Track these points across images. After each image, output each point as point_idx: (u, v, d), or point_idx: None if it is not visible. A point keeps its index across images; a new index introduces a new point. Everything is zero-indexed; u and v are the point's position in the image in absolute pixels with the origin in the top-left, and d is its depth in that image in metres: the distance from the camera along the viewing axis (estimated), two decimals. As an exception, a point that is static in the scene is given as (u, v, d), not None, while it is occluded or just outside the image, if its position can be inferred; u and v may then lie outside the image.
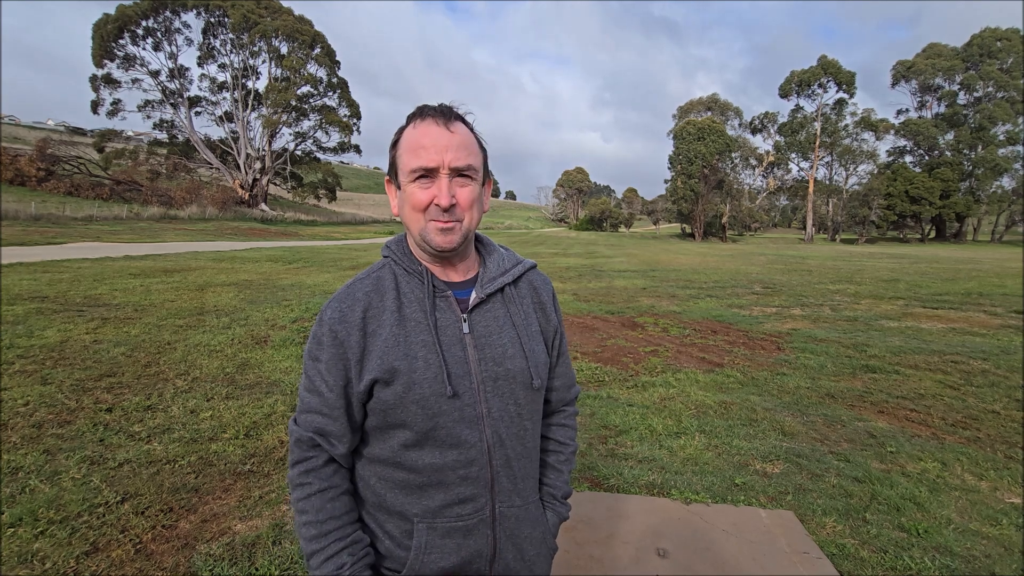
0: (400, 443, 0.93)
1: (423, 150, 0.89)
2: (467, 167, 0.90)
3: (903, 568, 2.29)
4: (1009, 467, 3.29)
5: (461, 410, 0.92)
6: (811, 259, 24.84)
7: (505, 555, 0.98)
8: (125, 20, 37.32)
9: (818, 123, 60.68)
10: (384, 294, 0.96)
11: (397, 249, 1.01)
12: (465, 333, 0.95)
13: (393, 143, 0.96)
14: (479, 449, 0.93)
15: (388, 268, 1.00)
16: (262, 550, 2.29)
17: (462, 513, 0.94)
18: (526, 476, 1.01)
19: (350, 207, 68.29)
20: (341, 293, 0.97)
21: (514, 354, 0.97)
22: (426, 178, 0.90)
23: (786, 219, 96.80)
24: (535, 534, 1.03)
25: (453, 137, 0.90)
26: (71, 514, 2.46)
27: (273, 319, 6.62)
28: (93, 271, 9.75)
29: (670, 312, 8.67)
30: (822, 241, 60.43)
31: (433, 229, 0.91)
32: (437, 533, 0.93)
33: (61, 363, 4.55)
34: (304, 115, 43.96)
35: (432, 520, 0.93)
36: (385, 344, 0.91)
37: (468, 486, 0.93)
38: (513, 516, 0.98)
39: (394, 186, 0.98)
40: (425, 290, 0.95)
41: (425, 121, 0.91)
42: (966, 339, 6.83)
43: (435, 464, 0.92)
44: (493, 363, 0.95)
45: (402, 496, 0.94)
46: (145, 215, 29.36)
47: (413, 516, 0.93)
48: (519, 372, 0.97)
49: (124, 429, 3.43)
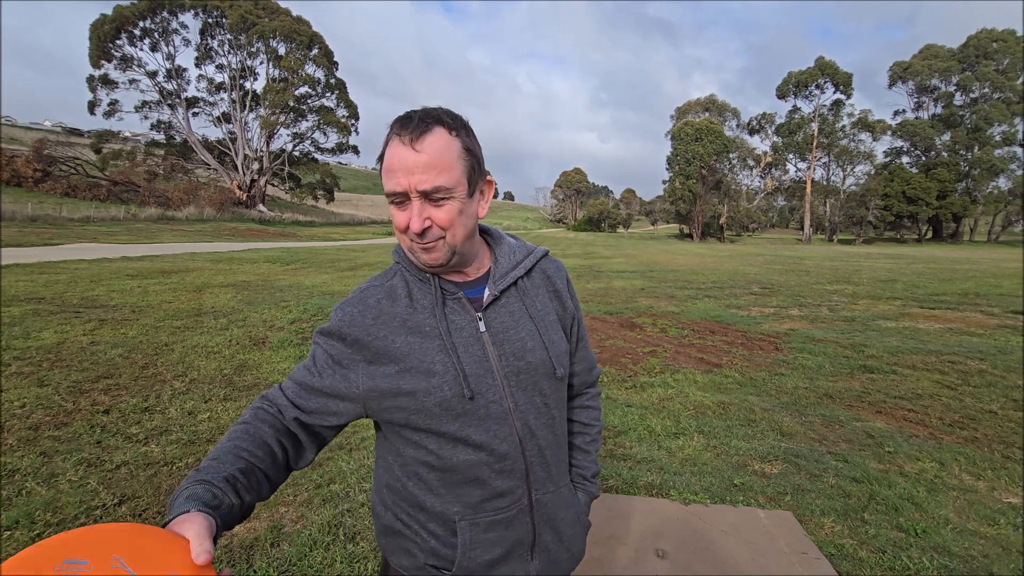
0: (433, 447, 0.93)
1: (391, 173, 0.86)
2: (435, 189, 0.85)
3: (901, 568, 2.29)
4: (1006, 467, 3.30)
5: (487, 407, 0.92)
6: (809, 259, 24.89)
7: (544, 539, 1.00)
8: (122, 21, 37.24)
9: (815, 124, 60.83)
10: (395, 301, 0.96)
11: (403, 257, 1.00)
12: (482, 332, 0.95)
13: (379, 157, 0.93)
14: (511, 443, 0.94)
15: (400, 275, 0.99)
16: (260, 552, 2.28)
17: (501, 506, 0.95)
18: (558, 462, 1.04)
19: (348, 208, 68.23)
20: (353, 298, 0.97)
21: (534, 346, 0.97)
22: (400, 203, 0.88)
23: (784, 220, 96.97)
24: (569, 515, 1.06)
25: (419, 157, 0.84)
26: (68, 516, 2.45)
27: (271, 320, 6.61)
28: (90, 272, 9.72)
29: (668, 312, 8.67)
30: (820, 241, 60.56)
31: (417, 249, 0.91)
32: (479, 529, 0.94)
33: (58, 365, 4.53)
34: (302, 116, 43.92)
35: (473, 517, 0.94)
36: (399, 352, 0.92)
37: (504, 479, 0.94)
38: (549, 502, 1.00)
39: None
40: (435, 295, 0.95)
41: (394, 141, 0.86)
42: (963, 339, 6.85)
43: (469, 462, 0.92)
44: (514, 358, 0.95)
45: (441, 497, 0.94)
46: (142, 216, 29.29)
47: (454, 515, 0.94)
48: (541, 364, 0.97)
49: (121, 431, 3.41)
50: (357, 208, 71.39)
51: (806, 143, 61.25)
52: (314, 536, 2.39)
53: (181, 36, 40.83)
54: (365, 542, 2.37)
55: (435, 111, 0.89)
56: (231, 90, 43.10)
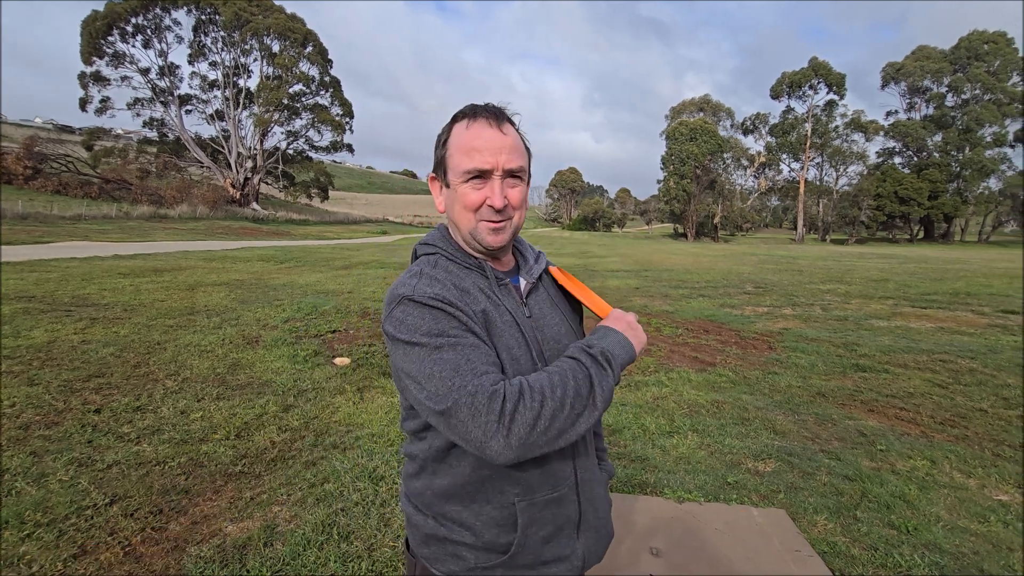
0: None
1: (477, 152, 0.91)
2: (519, 168, 0.94)
3: (893, 565, 2.31)
4: (997, 465, 3.33)
5: None
6: (802, 259, 25.02)
7: (588, 516, 1.05)
8: (114, 17, 36.89)
9: (809, 124, 61.17)
10: (462, 279, 0.96)
11: (447, 245, 1.01)
12: (528, 317, 1.00)
13: (442, 141, 0.97)
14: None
15: (443, 263, 0.99)
16: (253, 552, 2.27)
17: (556, 484, 0.98)
18: (590, 442, 1.10)
19: (343, 207, 67.96)
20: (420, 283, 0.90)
21: (567, 331, 1.04)
22: (479, 179, 0.93)
23: (777, 219, 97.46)
24: (602, 492, 1.12)
25: (506, 139, 0.93)
26: (58, 517, 2.43)
27: (265, 319, 6.57)
28: (81, 270, 9.63)
29: (663, 312, 8.70)
30: (813, 241, 60.89)
31: (484, 228, 0.95)
32: (536, 508, 0.96)
33: (48, 364, 4.49)
34: (296, 114, 43.69)
35: (532, 497, 0.95)
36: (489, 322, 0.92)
37: (557, 458, 0.98)
38: (589, 479, 1.06)
39: (440, 184, 1.00)
40: (490, 280, 0.98)
41: (478, 122, 0.93)
42: (954, 338, 6.91)
43: None
44: (554, 342, 1.00)
45: (502, 480, 0.95)
46: (135, 214, 29.04)
47: (514, 497, 0.95)
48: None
49: (113, 430, 3.39)
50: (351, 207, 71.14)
51: (799, 143, 61.59)
52: (308, 535, 2.38)
53: (174, 33, 40.53)
54: (359, 541, 2.36)
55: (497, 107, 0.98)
56: (224, 87, 42.81)
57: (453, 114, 0.99)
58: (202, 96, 43.58)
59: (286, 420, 3.71)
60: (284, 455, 3.20)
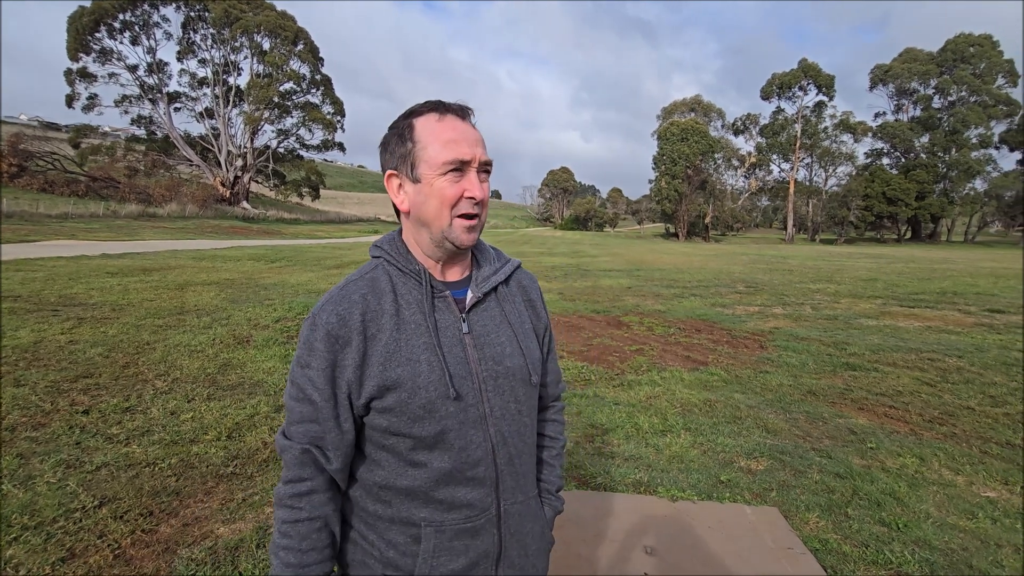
0: (406, 448, 0.90)
1: (455, 144, 0.88)
2: (490, 163, 0.93)
3: (884, 562, 2.33)
4: (984, 462, 3.38)
5: (465, 411, 0.91)
6: (792, 259, 25.24)
7: (510, 553, 0.98)
8: (101, 13, 36.43)
9: (798, 125, 61.69)
10: (381, 296, 0.92)
11: (391, 248, 0.97)
12: (465, 333, 0.94)
13: (405, 136, 0.92)
14: (484, 449, 0.92)
15: (381, 268, 0.96)
16: (246, 554, 2.25)
17: (470, 515, 0.93)
18: (527, 472, 1.02)
19: (334, 205, 67.64)
20: (335, 296, 0.92)
21: (512, 352, 0.97)
22: (457, 171, 0.89)
23: (767, 219, 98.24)
24: (536, 529, 1.04)
25: (476, 133, 0.92)
26: (46, 519, 2.40)
27: (256, 319, 6.52)
28: (68, 270, 9.50)
29: (655, 311, 8.73)
30: (802, 241, 61.44)
31: (460, 227, 0.91)
32: (445, 536, 0.91)
33: (35, 364, 4.42)
34: (287, 112, 43.39)
35: (440, 524, 0.91)
36: (386, 349, 0.88)
37: (475, 487, 0.92)
38: (516, 513, 0.98)
39: (403, 180, 0.93)
40: (424, 291, 0.93)
41: (448, 116, 0.91)
42: (942, 337, 6.99)
43: (442, 468, 0.90)
44: (493, 362, 0.94)
45: (407, 502, 0.91)
46: (122, 213, 28.71)
47: (420, 521, 0.91)
48: (518, 369, 0.97)
49: (102, 431, 3.34)
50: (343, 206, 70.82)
51: (789, 144, 62.13)
52: (301, 537, 2.36)
53: (163, 30, 40.17)
54: (353, 542, 2.34)
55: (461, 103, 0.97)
56: (214, 85, 42.45)
57: (408, 110, 0.94)
58: (191, 94, 43.24)
59: (278, 420, 3.68)
60: (276, 456, 3.17)
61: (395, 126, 0.95)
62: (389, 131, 0.96)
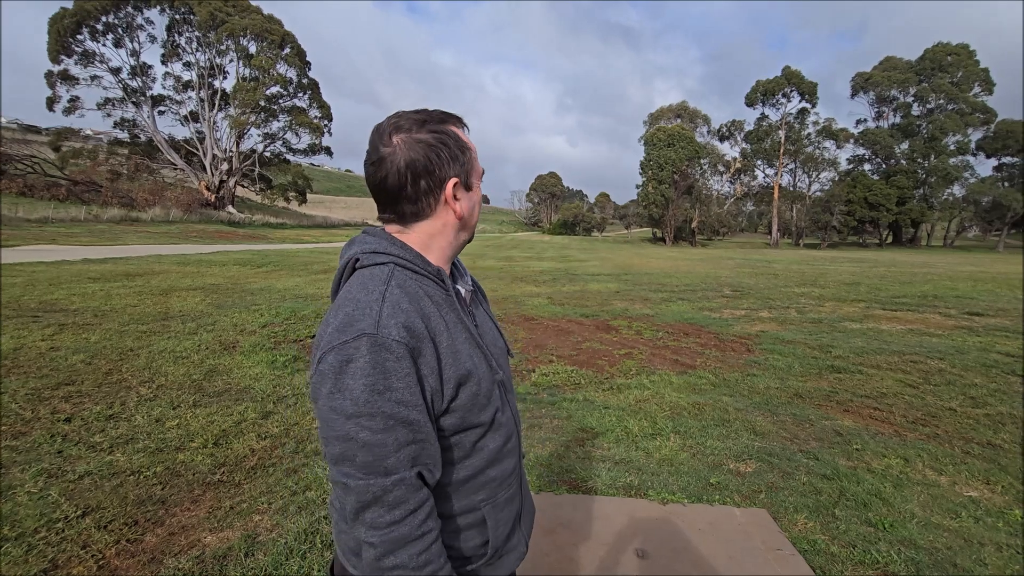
0: (471, 441, 0.96)
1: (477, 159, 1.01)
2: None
3: (871, 562, 2.36)
4: (967, 462, 3.44)
5: (503, 392, 1.02)
6: (777, 263, 25.55)
7: (526, 505, 1.13)
8: (84, 15, 35.91)
9: (782, 131, 62.60)
10: (420, 300, 0.90)
11: (402, 251, 0.93)
12: (476, 325, 1.02)
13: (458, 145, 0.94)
14: (513, 421, 1.06)
15: (400, 273, 0.92)
16: (234, 562, 2.22)
17: (510, 482, 1.04)
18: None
19: (321, 210, 67.14)
20: (385, 309, 0.84)
21: (497, 336, 1.10)
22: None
23: (753, 224, 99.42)
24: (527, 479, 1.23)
25: None
26: (27, 530, 2.34)
27: (242, 324, 6.45)
28: (48, 275, 9.32)
29: (643, 315, 8.78)
30: (787, 246, 62.24)
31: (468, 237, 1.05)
32: (498, 508, 1.01)
33: (15, 371, 4.33)
34: (273, 116, 43.06)
35: (494, 500, 1.00)
36: (450, 348, 0.90)
37: (512, 456, 1.04)
38: (523, 471, 1.13)
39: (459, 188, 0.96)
40: (449, 289, 0.97)
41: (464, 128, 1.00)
42: (923, 339, 7.12)
43: (496, 447, 0.99)
44: (494, 345, 1.06)
45: (467, 491, 0.97)
46: (104, 217, 28.25)
47: (479, 503, 0.98)
48: (504, 348, 1.11)
49: (84, 440, 3.28)
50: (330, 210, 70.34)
51: (774, 150, 62.98)
52: (290, 544, 2.34)
53: (147, 32, 39.66)
54: (343, 549, 2.32)
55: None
56: (199, 88, 41.99)
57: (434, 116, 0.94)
58: (176, 97, 42.71)
59: (266, 427, 3.64)
60: (264, 463, 3.13)
61: (437, 132, 0.92)
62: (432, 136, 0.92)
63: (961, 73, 57.98)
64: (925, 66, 59.33)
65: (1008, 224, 57.38)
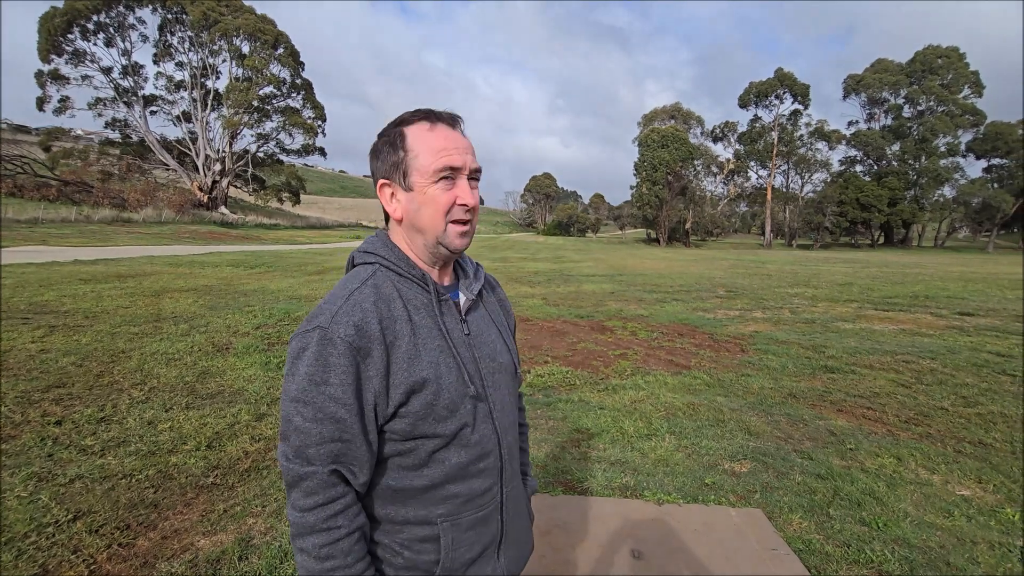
0: (427, 451, 0.92)
1: (446, 152, 0.90)
2: (480, 170, 0.95)
3: (866, 561, 2.37)
4: (959, 461, 3.47)
5: (477, 407, 0.96)
6: (770, 264, 25.68)
7: (510, 534, 1.05)
8: (74, 14, 35.58)
9: (775, 133, 62.97)
10: (391, 302, 0.91)
11: (388, 253, 0.96)
12: (466, 335, 0.98)
13: (396, 144, 0.93)
14: (493, 441, 0.98)
15: (381, 274, 0.95)
16: (227, 566, 2.20)
17: (481, 503, 0.98)
18: (515, 458, 1.08)
19: (314, 211, 66.94)
20: (344, 307, 0.87)
21: (501, 349, 1.04)
22: (448, 179, 0.91)
23: (746, 225, 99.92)
24: (524, 509, 1.13)
25: (467, 141, 0.94)
26: (17, 535, 2.31)
27: (235, 326, 6.41)
28: (39, 276, 9.23)
29: (638, 316, 8.80)
30: (780, 246, 62.60)
31: (454, 232, 0.93)
32: (461, 528, 0.95)
33: (4, 374, 4.28)
34: (267, 116, 42.85)
35: (456, 517, 0.95)
36: (407, 354, 0.89)
37: (485, 478, 0.98)
38: (513, 497, 1.06)
39: (396, 189, 0.94)
40: (432, 295, 0.95)
41: (439, 124, 0.93)
42: (915, 339, 7.17)
43: (460, 463, 0.94)
44: (490, 359, 1.00)
45: (424, 501, 0.93)
46: (96, 217, 27.99)
47: (436, 518, 0.94)
48: (508, 365, 1.04)
49: (75, 443, 3.24)
50: (324, 211, 70.13)
51: (767, 151, 63.34)
52: (284, 548, 2.32)
53: (138, 32, 39.36)
54: (338, 552, 2.31)
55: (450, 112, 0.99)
56: (192, 88, 41.71)
57: (398, 118, 0.95)
58: (168, 97, 42.41)
59: (259, 429, 3.61)
60: (258, 465, 3.11)
61: (385, 134, 0.95)
62: (379, 139, 0.96)
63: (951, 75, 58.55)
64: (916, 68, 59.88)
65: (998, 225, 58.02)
